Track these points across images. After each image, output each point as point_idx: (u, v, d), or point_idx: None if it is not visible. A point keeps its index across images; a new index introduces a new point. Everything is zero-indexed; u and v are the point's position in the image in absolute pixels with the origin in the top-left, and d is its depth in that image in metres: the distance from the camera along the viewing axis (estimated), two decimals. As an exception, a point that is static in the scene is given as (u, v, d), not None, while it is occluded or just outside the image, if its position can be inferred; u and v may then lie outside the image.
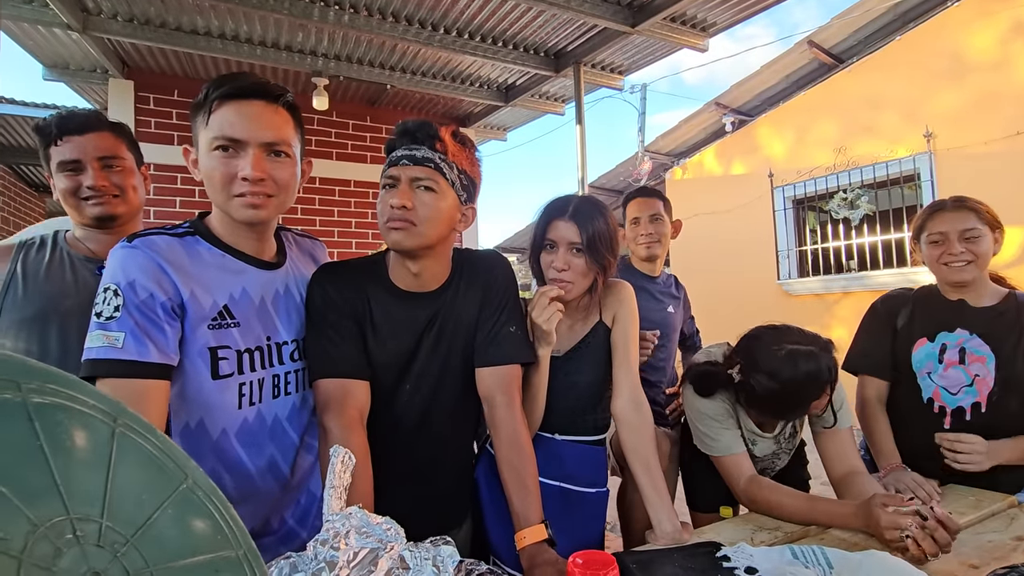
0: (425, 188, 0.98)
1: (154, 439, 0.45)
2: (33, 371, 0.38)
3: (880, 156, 4.88)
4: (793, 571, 0.89)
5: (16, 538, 0.28)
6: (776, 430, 1.34)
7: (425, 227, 0.98)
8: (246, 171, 0.90)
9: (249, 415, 0.97)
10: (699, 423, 1.31)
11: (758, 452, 1.36)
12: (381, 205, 1.00)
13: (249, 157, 0.91)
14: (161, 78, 4.02)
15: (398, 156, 0.98)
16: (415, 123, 1.00)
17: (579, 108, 3.66)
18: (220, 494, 0.48)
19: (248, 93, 0.92)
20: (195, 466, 0.48)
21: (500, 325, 1.10)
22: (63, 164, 1.17)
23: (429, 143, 0.98)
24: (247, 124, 0.91)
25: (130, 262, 0.86)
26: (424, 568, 0.74)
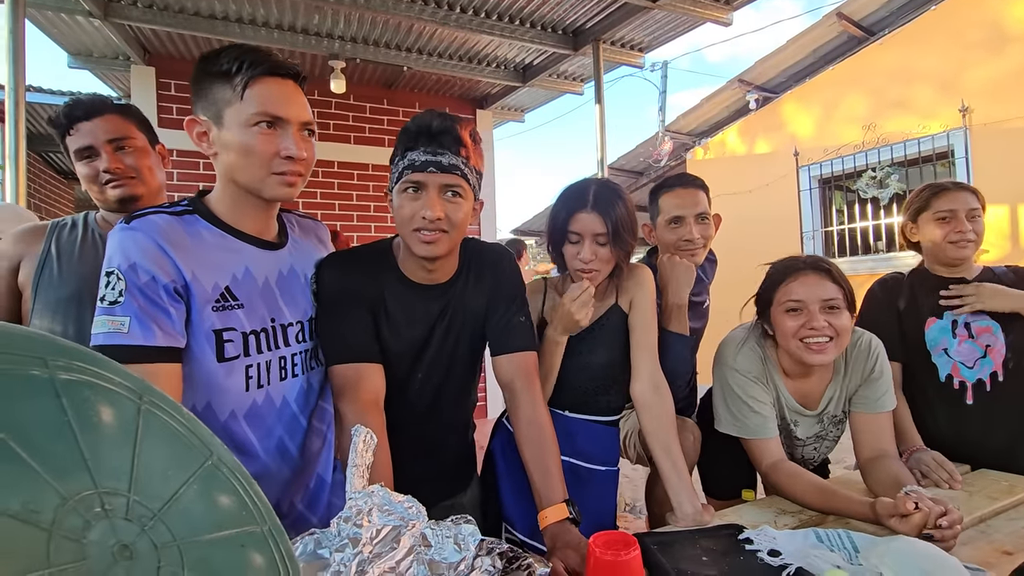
0: (453, 194, 0.98)
1: (179, 416, 0.45)
2: (60, 348, 0.38)
3: (911, 133, 4.71)
4: (818, 554, 0.87)
5: (46, 511, 0.29)
6: (820, 406, 1.29)
7: (454, 234, 1.00)
8: (291, 150, 0.92)
9: (258, 397, 0.98)
10: (729, 402, 1.27)
11: (800, 433, 1.32)
12: (405, 210, 0.97)
13: (291, 136, 0.92)
14: (181, 64, 4.05)
15: (423, 161, 0.95)
16: (438, 125, 0.96)
17: (598, 87, 3.59)
18: (244, 471, 0.49)
19: (284, 72, 0.93)
20: (220, 443, 0.48)
21: (512, 315, 1.12)
22: (79, 152, 1.20)
23: (454, 148, 0.96)
24: (289, 103, 0.93)
25: (130, 244, 0.85)
26: (446, 545, 0.75)
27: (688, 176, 1.55)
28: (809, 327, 1.16)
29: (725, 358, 1.30)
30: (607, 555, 0.72)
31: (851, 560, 0.87)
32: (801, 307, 1.18)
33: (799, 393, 1.28)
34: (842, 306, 1.18)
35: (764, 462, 1.21)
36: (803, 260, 1.23)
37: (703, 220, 1.47)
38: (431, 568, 0.72)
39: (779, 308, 1.22)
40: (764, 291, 1.26)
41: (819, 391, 1.28)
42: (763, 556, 0.90)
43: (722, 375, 1.29)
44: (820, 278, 1.19)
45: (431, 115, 0.98)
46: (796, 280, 1.20)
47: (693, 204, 1.46)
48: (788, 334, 1.20)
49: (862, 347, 1.27)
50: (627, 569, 0.72)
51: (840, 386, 1.28)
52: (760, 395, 1.24)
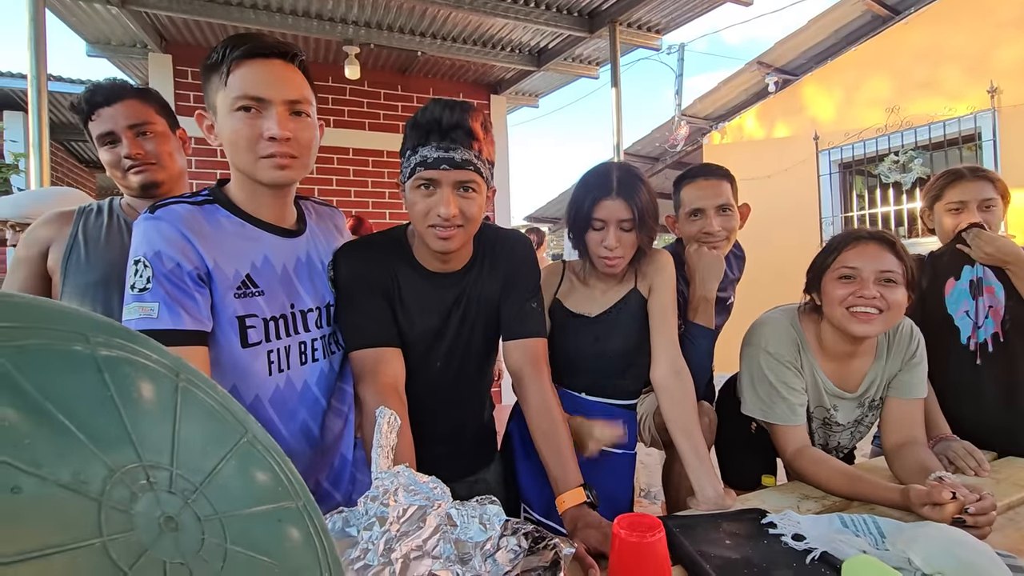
0: (466, 190, 0.97)
1: (215, 394, 0.46)
2: (99, 324, 0.38)
3: (937, 115, 4.58)
4: (843, 539, 0.87)
5: (95, 482, 0.29)
6: (860, 389, 1.26)
7: (469, 227, 1.00)
8: (273, 130, 0.89)
9: (280, 382, 0.99)
10: (759, 386, 1.25)
11: (840, 419, 1.29)
12: (418, 206, 0.97)
13: (274, 116, 0.90)
14: (197, 51, 4.06)
15: (435, 158, 0.94)
16: (449, 120, 0.94)
17: (615, 70, 3.53)
18: (278, 448, 0.49)
19: (267, 52, 0.90)
20: (254, 421, 0.49)
21: (524, 301, 1.12)
22: (101, 138, 1.20)
23: (466, 142, 0.94)
24: (270, 82, 0.89)
25: (154, 233, 0.87)
26: (471, 525, 0.76)
27: (711, 167, 1.49)
28: (858, 295, 1.12)
29: (758, 340, 1.26)
30: (632, 537, 0.72)
31: (877, 545, 0.86)
32: (854, 275, 1.14)
33: (837, 376, 1.25)
34: (899, 281, 1.13)
35: (789, 449, 1.20)
36: (867, 231, 1.19)
37: (725, 212, 1.42)
38: (457, 547, 0.73)
39: (831, 275, 1.18)
40: (819, 260, 1.22)
41: (859, 374, 1.25)
42: (787, 540, 0.90)
43: (753, 357, 1.26)
44: (880, 249, 1.14)
45: (440, 108, 0.95)
46: (855, 249, 1.16)
47: (714, 196, 1.42)
48: (835, 301, 1.16)
49: (904, 331, 1.25)
50: (652, 551, 0.72)
51: (882, 370, 1.25)
52: (793, 381, 1.22)
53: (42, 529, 0.25)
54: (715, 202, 1.42)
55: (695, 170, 1.49)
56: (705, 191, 1.43)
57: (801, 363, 1.24)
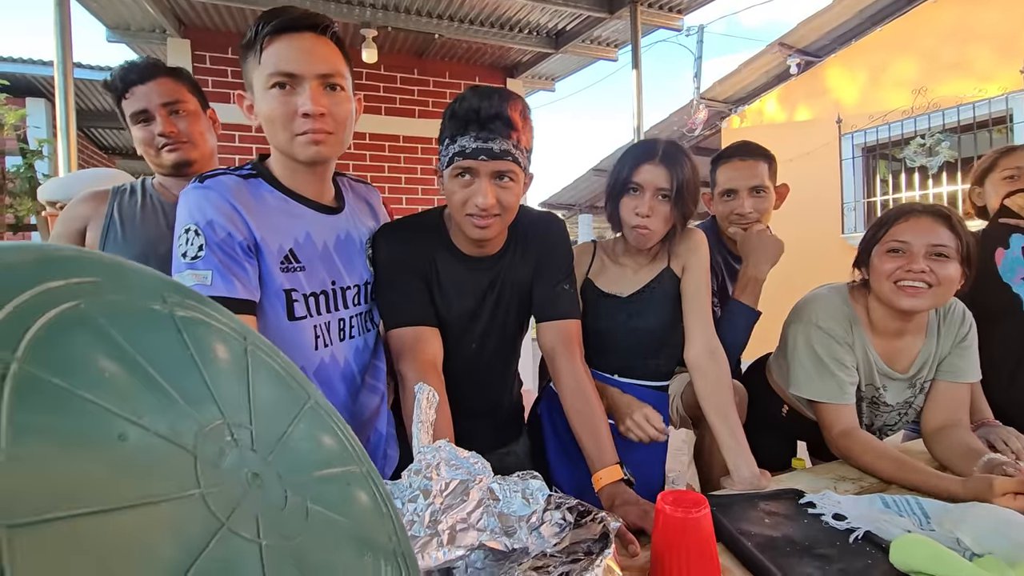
0: (504, 179, 0.96)
1: (279, 359, 0.46)
2: (173, 286, 0.38)
3: (966, 97, 4.45)
4: (887, 519, 0.86)
5: (188, 436, 0.29)
6: (912, 370, 1.22)
7: (506, 216, 1.00)
8: (306, 106, 0.88)
9: (325, 356, 1.00)
10: (808, 362, 1.21)
11: (889, 399, 1.25)
12: (457, 195, 0.97)
13: (307, 92, 0.89)
14: (216, 35, 4.07)
15: (474, 149, 0.93)
16: (487, 110, 0.93)
17: (636, 51, 3.47)
18: (338, 415, 0.49)
19: (298, 25, 0.89)
20: (315, 387, 0.49)
21: (557, 283, 1.12)
22: (134, 116, 1.21)
23: (504, 132, 0.93)
24: (301, 57, 0.88)
25: (205, 202, 0.87)
26: (513, 500, 0.76)
27: (749, 146, 1.46)
28: (906, 269, 1.09)
29: (808, 316, 1.23)
30: (677, 512, 0.72)
31: (922, 526, 0.85)
32: (904, 248, 1.11)
33: (887, 354, 1.22)
34: (952, 256, 1.08)
35: (836, 428, 1.16)
36: (920, 205, 1.15)
37: (758, 193, 1.41)
38: (501, 520, 0.73)
39: (881, 248, 1.15)
40: (870, 234, 1.19)
41: (911, 354, 1.22)
42: (828, 520, 0.89)
43: (802, 333, 1.22)
44: (934, 223, 1.10)
45: (479, 98, 0.94)
46: (907, 222, 1.12)
47: (749, 176, 1.40)
48: (883, 275, 1.13)
49: (956, 313, 1.21)
50: (697, 527, 0.72)
51: (934, 350, 1.21)
52: (844, 358, 1.18)
53: (147, 477, 0.25)
54: (748, 183, 1.41)
55: (732, 149, 1.47)
56: (739, 171, 1.41)
57: (853, 340, 1.21)
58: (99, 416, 0.25)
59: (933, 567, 0.67)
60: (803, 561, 0.77)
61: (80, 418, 0.24)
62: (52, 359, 0.24)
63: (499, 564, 0.67)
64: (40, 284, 0.27)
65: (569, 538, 0.69)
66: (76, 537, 0.21)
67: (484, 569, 0.66)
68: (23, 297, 0.25)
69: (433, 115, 4.74)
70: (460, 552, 0.67)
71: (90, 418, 0.24)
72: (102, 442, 0.24)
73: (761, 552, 0.79)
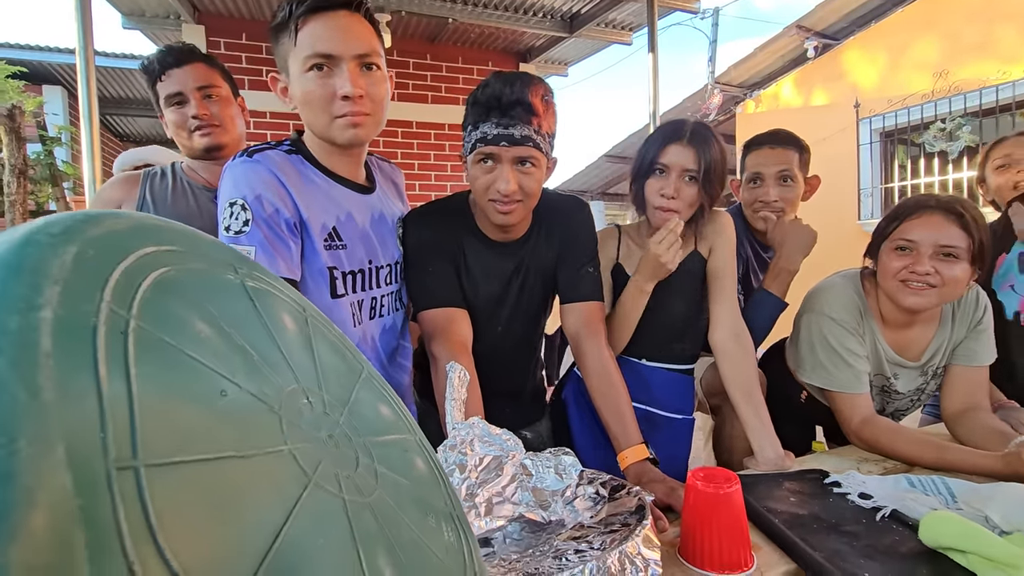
0: (525, 164, 0.97)
1: (334, 331, 0.47)
2: (240, 257, 0.40)
3: (989, 80, 4.36)
4: (913, 498, 0.87)
5: (272, 397, 0.31)
6: (924, 358, 1.22)
7: (529, 201, 1.01)
8: (346, 88, 0.88)
9: (358, 334, 1.02)
10: (821, 352, 1.21)
11: (901, 387, 1.25)
12: (479, 181, 0.98)
13: (345, 74, 0.88)
14: (229, 22, 4.07)
15: (495, 135, 0.94)
16: (509, 97, 0.93)
17: (652, 34, 3.43)
18: (389, 386, 0.51)
19: (332, 3, 0.88)
20: (365, 359, 0.50)
21: (581, 266, 1.13)
22: (169, 98, 1.24)
23: (525, 118, 0.94)
24: (338, 37, 0.88)
25: (254, 176, 0.87)
26: (547, 475, 0.77)
27: (780, 133, 1.44)
28: (911, 269, 1.09)
29: (819, 305, 1.23)
30: (709, 488, 0.73)
31: (948, 505, 0.86)
32: (911, 248, 1.11)
33: (897, 344, 1.22)
34: (961, 256, 1.08)
35: (855, 419, 1.16)
36: (937, 199, 1.13)
37: (785, 182, 1.39)
38: (535, 495, 0.75)
39: (890, 244, 1.15)
40: (883, 225, 1.18)
41: (922, 342, 1.22)
42: (854, 498, 0.90)
43: (815, 323, 1.23)
44: (945, 221, 1.09)
45: (501, 84, 0.94)
46: (918, 218, 1.11)
47: (776, 163, 1.39)
48: (889, 273, 1.13)
49: (970, 297, 1.21)
50: (728, 503, 0.73)
51: (948, 337, 1.21)
52: (856, 347, 1.18)
53: (246, 431, 0.27)
54: (775, 169, 1.39)
55: (763, 136, 1.45)
56: (767, 158, 1.40)
57: (863, 330, 1.21)
58: (203, 373, 0.26)
59: (963, 543, 0.68)
60: (830, 537, 0.79)
61: (189, 373, 0.25)
62: (159, 318, 0.26)
63: (536, 535, 0.69)
64: (140, 249, 0.28)
65: (606, 511, 0.70)
66: (197, 480, 0.22)
67: (522, 540, 0.68)
68: (128, 260, 0.26)
69: (446, 101, 4.72)
70: (499, 523, 0.69)
71: (196, 374, 0.26)
72: (208, 396, 0.26)
73: (789, 528, 0.80)
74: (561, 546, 0.61)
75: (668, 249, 1.10)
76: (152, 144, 2.42)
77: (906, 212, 1.15)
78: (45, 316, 0.20)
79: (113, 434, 0.20)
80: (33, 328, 0.20)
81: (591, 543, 0.61)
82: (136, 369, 0.22)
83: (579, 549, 0.59)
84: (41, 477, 0.17)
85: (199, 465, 0.23)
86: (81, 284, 0.23)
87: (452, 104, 4.74)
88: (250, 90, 4.06)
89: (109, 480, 0.19)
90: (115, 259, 0.26)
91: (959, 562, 0.69)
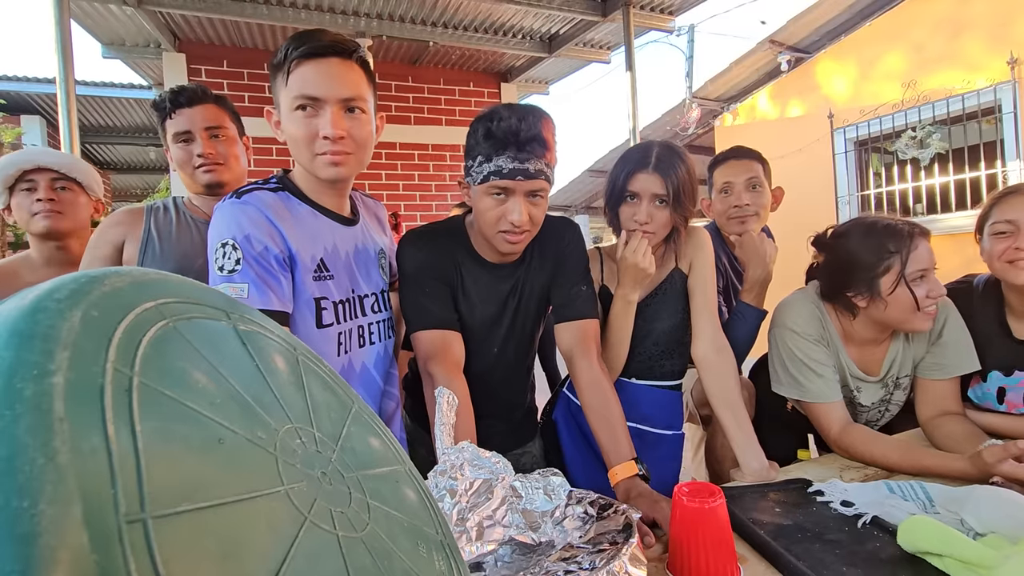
0: (536, 196, 1.01)
1: (324, 367, 0.49)
2: (231, 302, 0.42)
3: (955, 89, 4.51)
4: (893, 504, 0.89)
5: (268, 439, 0.32)
6: (882, 372, 1.26)
7: (535, 230, 1.06)
8: (327, 130, 0.93)
9: (344, 363, 1.04)
10: (790, 365, 1.24)
11: (864, 400, 1.29)
12: (490, 213, 1.01)
13: (328, 116, 0.93)
14: (210, 49, 4.09)
15: (511, 169, 0.97)
16: (526, 133, 0.96)
17: (629, 54, 3.52)
18: (379, 419, 0.52)
19: (324, 51, 0.93)
20: (355, 393, 0.52)
21: (574, 285, 1.16)
22: (177, 135, 1.28)
23: (539, 152, 0.98)
24: (324, 82, 0.93)
25: (242, 216, 0.91)
26: (536, 496, 0.79)
27: (742, 148, 1.55)
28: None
29: (783, 320, 1.27)
30: (694, 503, 0.75)
31: (927, 509, 0.89)
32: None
33: (861, 360, 1.26)
34: None
35: (833, 428, 1.18)
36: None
37: (754, 188, 1.48)
38: (525, 516, 0.76)
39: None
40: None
41: (880, 357, 1.25)
42: (836, 507, 0.92)
43: (781, 338, 1.27)
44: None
45: (516, 119, 0.96)
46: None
47: (743, 172, 1.50)
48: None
49: None
50: (713, 517, 0.75)
51: (902, 347, 1.24)
52: (822, 357, 1.21)
53: (244, 476, 0.28)
54: (743, 177, 1.48)
55: (727, 152, 1.55)
56: (734, 168, 1.50)
57: (827, 341, 1.24)
58: (202, 423, 0.28)
59: (940, 547, 0.71)
60: (814, 546, 0.81)
61: (189, 424, 0.27)
62: (160, 373, 0.27)
63: (527, 557, 0.70)
64: (139, 306, 0.30)
65: (594, 530, 0.72)
66: (201, 527, 0.24)
67: (513, 563, 0.69)
68: (129, 318, 0.28)
69: (428, 121, 4.77)
70: (490, 547, 0.70)
71: (196, 424, 0.27)
72: (208, 445, 0.27)
73: (774, 539, 0.82)
74: (551, 567, 0.63)
75: (643, 255, 1.13)
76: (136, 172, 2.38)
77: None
78: (57, 382, 0.22)
79: (123, 489, 0.21)
80: (47, 394, 0.21)
81: (580, 563, 0.62)
82: (141, 425, 0.24)
83: (568, 570, 0.61)
84: (62, 536, 0.18)
85: (202, 512, 0.25)
86: (88, 346, 0.24)
87: (435, 124, 4.79)
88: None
89: (120, 534, 0.20)
90: (117, 318, 0.27)
91: (936, 565, 0.72)
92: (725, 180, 1.50)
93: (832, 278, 1.23)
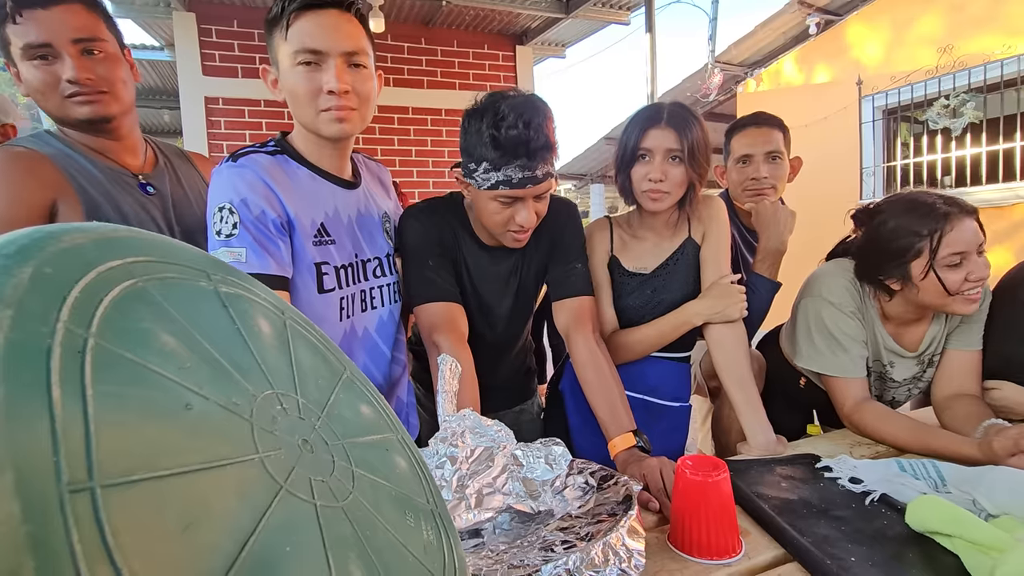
0: (542, 197, 1.02)
1: (315, 332, 0.47)
2: (215, 263, 0.40)
3: (995, 54, 4.28)
4: (903, 482, 0.87)
5: (244, 405, 0.31)
6: (921, 348, 1.21)
7: (539, 224, 1.07)
8: (331, 84, 0.90)
9: (346, 327, 1.04)
10: (817, 336, 1.20)
11: (896, 375, 1.24)
12: (497, 216, 1.01)
13: (332, 69, 0.90)
14: (220, 8, 4.01)
15: (521, 178, 0.96)
16: (536, 142, 0.94)
17: (649, 13, 3.38)
18: (372, 384, 0.51)
19: (323, 2, 0.90)
20: (348, 359, 0.50)
21: (570, 263, 1.16)
22: (30, 48, 0.91)
23: (546, 157, 0.97)
24: (327, 34, 0.90)
25: (239, 181, 0.90)
26: (537, 465, 0.78)
27: (763, 115, 1.47)
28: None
29: (819, 290, 1.21)
30: (697, 476, 0.74)
31: (938, 488, 0.87)
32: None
33: (897, 334, 1.21)
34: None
35: (848, 402, 1.16)
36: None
37: (774, 159, 1.43)
38: (525, 485, 0.76)
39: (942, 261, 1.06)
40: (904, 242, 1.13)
41: (920, 333, 1.21)
42: (844, 483, 0.91)
43: (812, 307, 1.21)
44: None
45: (522, 123, 0.93)
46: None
47: (764, 142, 1.43)
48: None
49: None
50: (716, 490, 0.74)
51: (943, 327, 1.20)
52: (853, 332, 1.17)
53: (213, 443, 0.27)
54: (764, 148, 1.42)
55: (746, 118, 1.48)
56: (754, 138, 1.43)
57: (864, 314, 1.20)
58: (167, 387, 0.26)
59: (949, 527, 0.69)
60: (819, 522, 0.79)
61: (151, 389, 0.25)
62: (121, 334, 0.26)
63: (525, 525, 0.70)
64: (102, 264, 0.28)
65: (593, 500, 0.71)
66: (159, 496, 0.23)
67: (511, 530, 0.69)
68: (89, 276, 0.27)
69: (441, 86, 4.67)
70: (488, 514, 0.70)
71: (159, 389, 0.26)
72: (171, 411, 0.26)
73: (778, 514, 0.81)
74: (549, 537, 0.62)
75: (738, 304, 1.15)
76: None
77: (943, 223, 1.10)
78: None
79: (66, 457, 0.20)
80: (-18, 354, 0.20)
81: (578, 533, 0.61)
82: (93, 389, 0.22)
83: (566, 540, 0.60)
84: (-14, 507, 0.17)
85: (161, 481, 0.23)
86: (36, 305, 0.23)
87: (448, 89, 4.69)
88: (243, 78, 4.03)
89: (62, 504, 0.19)
90: (75, 276, 0.26)
91: (945, 545, 0.70)
92: (744, 151, 1.44)
93: (866, 259, 1.18)
